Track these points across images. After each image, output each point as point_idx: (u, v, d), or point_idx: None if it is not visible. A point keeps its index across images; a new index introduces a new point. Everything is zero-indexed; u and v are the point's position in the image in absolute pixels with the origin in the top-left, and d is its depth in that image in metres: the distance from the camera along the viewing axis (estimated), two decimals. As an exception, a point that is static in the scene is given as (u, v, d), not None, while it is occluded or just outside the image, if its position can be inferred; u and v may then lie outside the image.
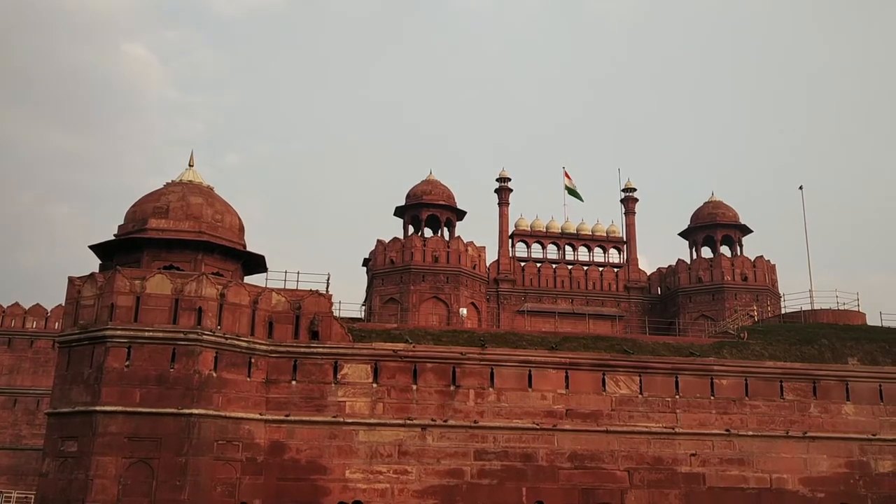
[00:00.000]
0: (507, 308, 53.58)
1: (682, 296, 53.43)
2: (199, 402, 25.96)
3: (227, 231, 30.35)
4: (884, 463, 30.64)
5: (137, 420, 25.46)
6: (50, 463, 25.91)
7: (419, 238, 51.38)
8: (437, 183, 54.21)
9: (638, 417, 29.71)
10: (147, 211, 29.62)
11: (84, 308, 27.16)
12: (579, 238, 57.81)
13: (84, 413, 25.51)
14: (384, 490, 27.44)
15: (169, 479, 25.11)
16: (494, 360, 29.47)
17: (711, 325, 46.00)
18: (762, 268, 53.25)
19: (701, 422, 30.00)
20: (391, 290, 50.17)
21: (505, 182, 56.63)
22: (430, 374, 28.98)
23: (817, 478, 30.02)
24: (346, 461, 27.57)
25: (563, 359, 29.92)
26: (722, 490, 29.33)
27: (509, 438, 28.72)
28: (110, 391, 25.51)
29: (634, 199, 58.35)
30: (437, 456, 28.14)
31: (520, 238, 57.19)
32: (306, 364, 28.38)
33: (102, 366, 25.71)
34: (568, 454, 28.90)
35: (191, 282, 27.04)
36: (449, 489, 27.88)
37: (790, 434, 30.27)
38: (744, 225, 55.31)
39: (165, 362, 26.09)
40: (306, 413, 27.78)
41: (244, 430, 26.88)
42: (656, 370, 30.36)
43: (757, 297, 51.67)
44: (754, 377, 30.84)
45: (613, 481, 28.85)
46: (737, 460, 29.79)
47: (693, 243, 56.28)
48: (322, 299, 29.33)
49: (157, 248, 28.86)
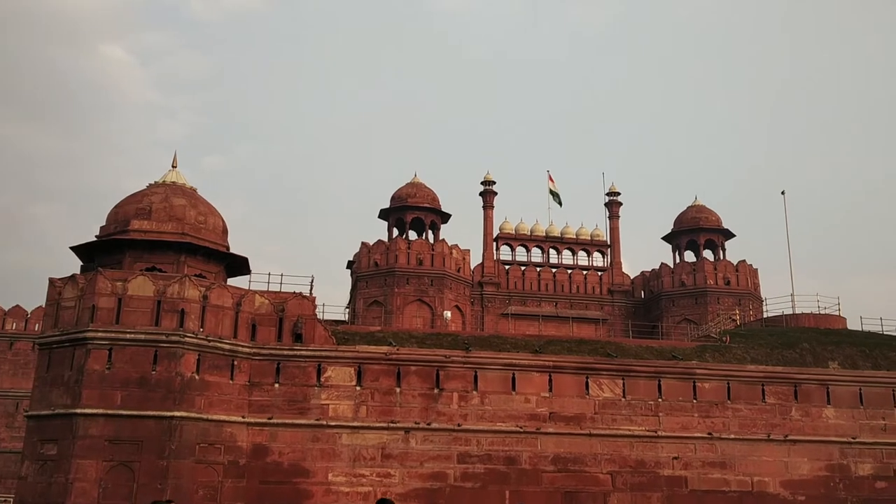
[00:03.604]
0: (492, 311, 53.54)
1: (665, 299, 53.65)
2: (181, 405, 25.78)
3: (211, 233, 30.17)
4: (863, 466, 30.90)
5: (118, 423, 25.25)
6: (29, 466, 25.62)
7: (403, 241, 51.27)
8: (422, 185, 54.14)
9: (621, 421, 29.80)
10: (129, 212, 29.40)
11: (65, 309, 26.91)
12: (563, 241, 57.88)
13: (64, 415, 25.26)
14: (367, 493, 27.35)
15: (150, 482, 24.90)
16: (478, 363, 29.47)
17: (694, 329, 46.28)
18: (745, 272, 53.57)
19: (683, 425, 30.14)
20: (375, 293, 50.00)
21: (490, 185, 56.63)
22: (414, 377, 28.94)
23: (798, 481, 30.23)
24: (328, 464, 27.47)
25: (547, 362, 29.97)
26: (704, 493, 29.48)
27: (493, 441, 28.73)
28: (91, 393, 25.28)
29: (618, 203, 58.51)
30: (421, 459, 28.10)
31: (504, 241, 57.21)
32: (289, 367, 28.26)
33: (83, 368, 25.48)
34: (551, 457, 28.95)
35: (173, 283, 26.86)
36: (432, 492, 27.84)
37: (771, 437, 30.47)
38: (727, 229, 55.60)
39: (147, 364, 25.89)
40: (289, 416, 27.66)
41: (226, 433, 26.71)
42: (639, 374, 30.48)
43: (739, 301, 51.98)
44: (736, 381, 31.02)
45: (596, 484, 28.92)
46: (718, 463, 29.95)
47: (676, 247, 56.52)
48: (305, 302, 29.22)
49: (139, 249, 28.64)
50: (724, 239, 55.64)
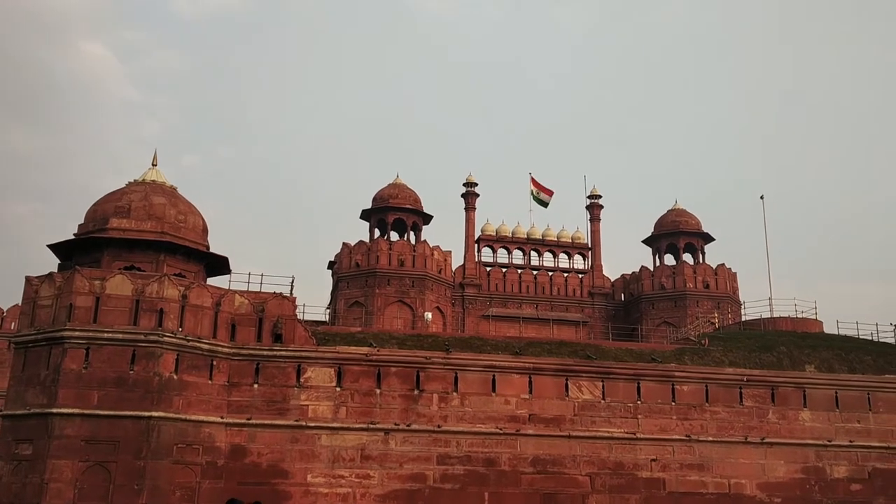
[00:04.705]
0: (473, 313, 53.64)
1: (644, 302, 53.97)
2: (158, 405, 25.58)
3: (191, 232, 29.98)
4: (839, 469, 31.22)
5: (95, 423, 25.01)
6: (3, 466, 25.28)
7: (385, 241, 51.25)
8: (404, 186, 54.15)
9: (600, 423, 29.93)
10: (108, 210, 29.15)
11: (41, 308, 26.63)
12: (545, 244, 58.11)
13: (39, 415, 24.98)
14: (346, 494, 27.30)
15: (127, 482, 24.70)
16: (458, 364, 29.49)
17: (673, 332, 46.55)
18: (724, 276, 54.02)
19: (662, 427, 30.31)
20: (356, 294, 49.94)
21: (472, 187, 56.73)
22: (394, 379, 28.91)
23: (774, 483, 30.50)
24: (307, 465, 27.37)
25: (527, 364, 30.04)
26: (681, 495, 29.65)
27: (472, 443, 28.74)
28: (67, 393, 25.04)
29: (600, 206, 58.80)
30: (400, 460, 28.06)
31: (486, 243, 57.34)
32: (269, 367, 28.14)
33: (59, 367, 25.23)
34: (530, 459, 29.01)
35: (152, 283, 26.67)
36: (411, 494, 27.81)
37: (749, 440, 30.72)
38: (706, 233, 56.05)
39: (125, 364, 25.67)
40: (268, 417, 27.54)
41: (205, 434, 26.55)
42: (619, 376, 30.62)
43: (718, 304, 52.42)
44: (714, 383, 31.24)
45: (575, 486, 29.02)
46: (696, 466, 30.15)
47: (656, 250, 56.89)
48: (286, 302, 29.11)
49: (117, 248, 28.42)
50: (704, 243, 56.09)
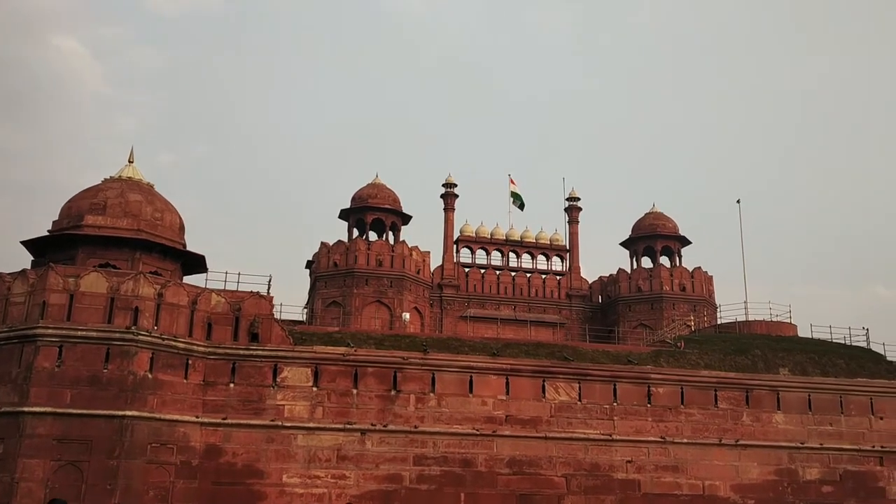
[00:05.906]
0: (451, 313, 53.62)
1: (621, 304, 54.23)
2: (132, 404, 25.34)
3: (167, 230, 29.75)
4: (811, 471, 31.59)
5: (67, 422, 24.72)
6: (-27, 465, 24.93)
7: (363, 241, 51.09)
8: (383, 187, 54.01)
9: (576, 424, 30.05)
10: (83, 207, 28.86)
11: (14, 305, 26.28)
12: (523, 245, 58.21)
13: (10, 414, 24.66)
14: (322, 495, 27.20)
15: (99, 482, 24.44)
16: (436, 365, 29.48)
17: (650, 334, 46.83)
18: (700, 279, 54.42)
19: (637, 429, 30.50)
20: (334, 294, 49.71)
21: (451, 188, 56.70)
22: (371, 379, 28.84)
23: (748, 485, 30.79)
24: (283, 465, 27.23)
25: (504, 365, 30.10)
26: (656, 496, 29.85)
27: (449, 444, 28.75)
28: (39, 392, 24.73)
29: (578, 209, 59.00)
30: (377, 461, 28.01)
31: (464, 244, 57.32)
32: (245, 367, 27.97)
33: (32, 365, 24.92)
34: (507, 460, 29.07)
35: (127, 280, 26.41)
36: (387, 494, 27.76)
37: (723, 442, 30.99)
38: (683, 236, 56.41)
39: (99, 363, 25.41)
40: (244, 416, 27.37)
41: (179, 433, 26.33)
42: (595, 378, 30.76)
43: (694, 307, 52.74)
44: (690, 386, 31.49)
45: (551, 487, 29.11)
46: (671, 467, 30.36)
47: (634, 253, 57.18)
48: (263, 301, 28.95)
49: (92, 245, 28.15)
50: (681, 246, 56.45)
